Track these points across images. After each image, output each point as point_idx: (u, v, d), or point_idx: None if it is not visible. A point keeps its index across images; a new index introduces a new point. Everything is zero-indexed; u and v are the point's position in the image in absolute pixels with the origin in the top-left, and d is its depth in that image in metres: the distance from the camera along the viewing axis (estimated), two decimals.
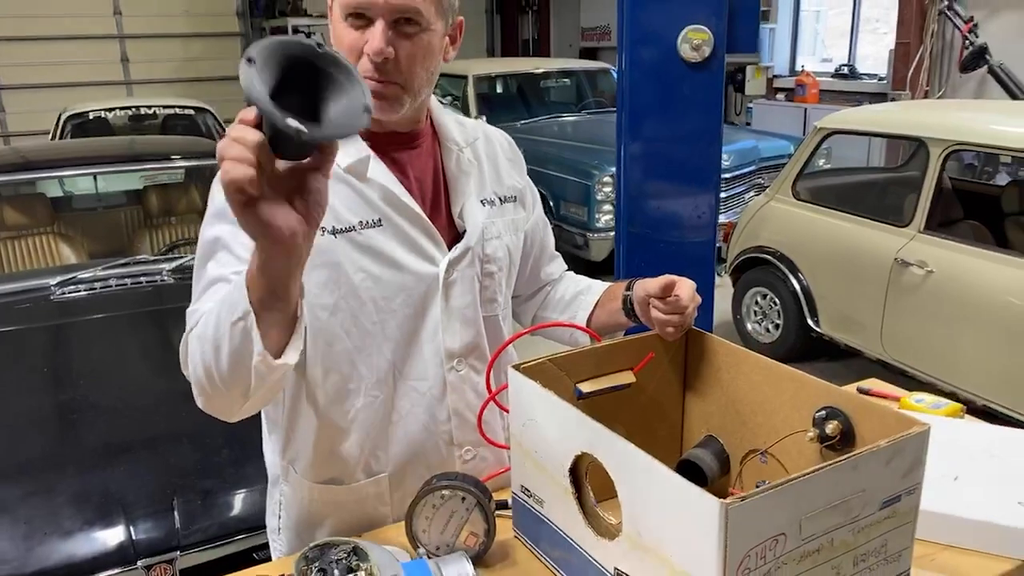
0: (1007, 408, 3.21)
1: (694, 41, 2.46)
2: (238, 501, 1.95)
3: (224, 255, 1.06)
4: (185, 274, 3.00)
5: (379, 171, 1.14)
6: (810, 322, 4.15)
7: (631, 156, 2.69)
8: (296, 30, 9.39)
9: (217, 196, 1.08)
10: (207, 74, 10.38)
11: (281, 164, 0.79)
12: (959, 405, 1.53)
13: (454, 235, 1.21)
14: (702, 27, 2.48)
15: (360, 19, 1.05)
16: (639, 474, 0.89)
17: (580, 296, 1.40)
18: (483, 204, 1.24)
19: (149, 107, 7.17)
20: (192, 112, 7.19)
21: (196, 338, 0.98)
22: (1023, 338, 3.10)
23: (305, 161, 0.80)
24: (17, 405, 2.26)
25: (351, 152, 1.12)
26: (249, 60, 0.73)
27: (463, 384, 1.23)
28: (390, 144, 1.16)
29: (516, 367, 1.10)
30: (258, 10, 10.34)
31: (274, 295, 0.86)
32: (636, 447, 0.88)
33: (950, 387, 3.37)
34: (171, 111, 7.16)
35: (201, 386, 0.99)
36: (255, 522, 1.89)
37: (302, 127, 0.72)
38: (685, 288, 1.18)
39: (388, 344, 1.17)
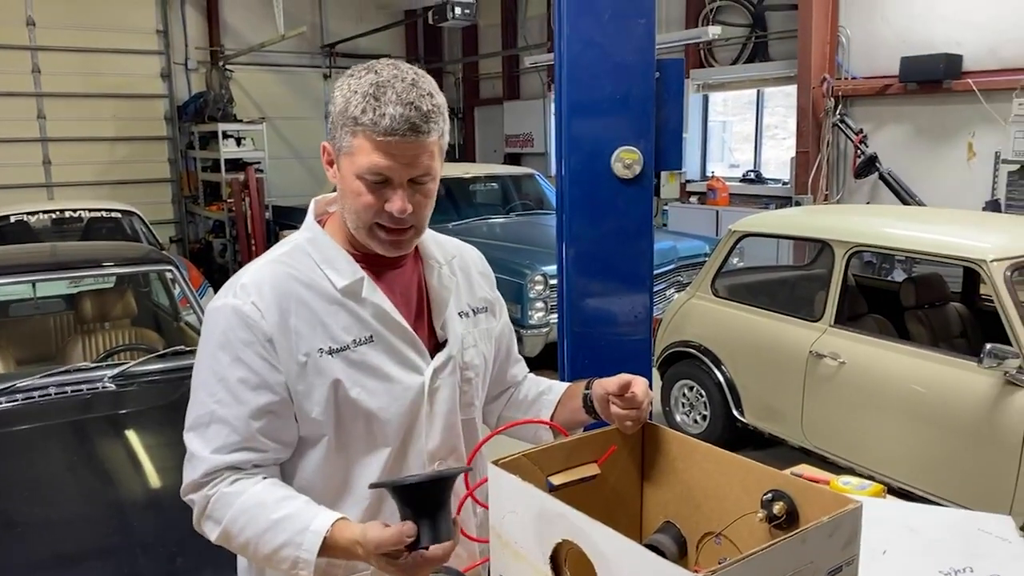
0: (919, 489, 3.42)
1: (626, 160, 2.76)
2: None
3: (223, 393, 1.18)
4: (126, 380, 2.98)
5: (371, 291, 1.25)
6: (735, 413, 4.34)
7: (571, 261, 2.91)
8: (226, 135, 9.47)
9: (221, 322, 1.19)
10: (133, 177, 10.29)
11: None
12: (881, 486, 1.70)
13: (435, 344, 1.33)
14: (632, 148, 2.78)
15: (379, 180, 1.17)
16: (620, 557, 1.00)
17: (543, 396, 1.52)
18: (461, 316, 1.36)
19: (74, 210, 7.07)
20: (119, 215, 7.13)
21: (232, 522, 1.15)
22: (929, 423, 3.36)
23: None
24: None
25: (346, 274, 1.24)
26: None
27: None
28: (379, 264, 1.29)
29: (495, 463, 1.20)
30: (187, 115, 10.38)
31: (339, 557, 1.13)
32: (617, 532, 1.00)
33: (868, 472, 3.58)
34: (97, 214, 7.08)
35: (226, 544, 1.18)
36: None
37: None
38: (640, 385, 1.32)
39: (385, 450, 1.26)
